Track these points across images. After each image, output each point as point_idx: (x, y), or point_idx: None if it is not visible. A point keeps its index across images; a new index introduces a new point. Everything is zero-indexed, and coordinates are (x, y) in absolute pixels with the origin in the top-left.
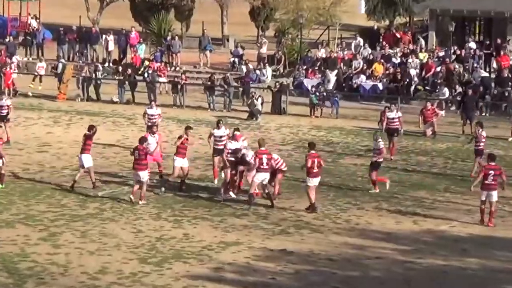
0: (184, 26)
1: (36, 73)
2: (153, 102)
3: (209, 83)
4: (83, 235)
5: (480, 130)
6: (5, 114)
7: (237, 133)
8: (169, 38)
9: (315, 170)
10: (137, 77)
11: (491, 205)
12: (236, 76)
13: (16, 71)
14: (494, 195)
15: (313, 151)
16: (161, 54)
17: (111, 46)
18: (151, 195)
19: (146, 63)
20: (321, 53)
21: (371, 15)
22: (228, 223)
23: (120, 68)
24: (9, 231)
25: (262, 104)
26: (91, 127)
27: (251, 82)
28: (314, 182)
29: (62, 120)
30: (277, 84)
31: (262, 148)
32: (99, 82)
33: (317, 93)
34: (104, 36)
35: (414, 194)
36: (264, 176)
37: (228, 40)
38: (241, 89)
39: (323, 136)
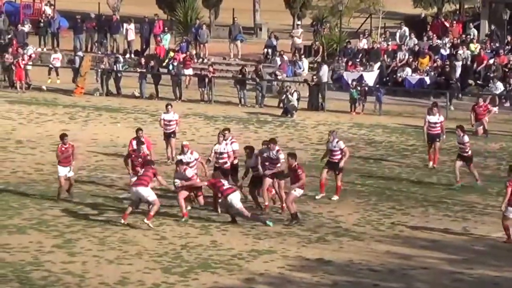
0: (212, 13)
1: (51, 65)
2: (169, 107)
3: (239, 76)
4: (101, 242)
5: (462, 134)
6: None
7: (185, 142)
8: (196, 26)
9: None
10: (161, 70)
11: None
12: (271, 71)
13: (30, 62)
14: None
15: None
16: (187, 44)
17: (133, 35)
18: (174, 202)
19: (171, 54)
20: (363, 43)
21: (417, 2)
22: (260, 230)
23: (143, 60)
24: (21, 238)
25: (298, 99)
26: (62, 136)
27: (286, 76)
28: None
29: (78, 116)
30: (314, 77)
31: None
32: (119, 75)
33: (358, 88)
34: (125, 25)
35: (464, 198)
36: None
37: (260, 29)
38: (274, 82)
39: (365, 135)
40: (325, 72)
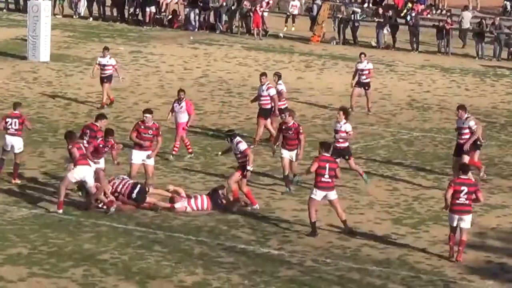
0: None
1: (288, 13)
2: (362, 55)
3: (478, 28)
4: None
5: None
6: (107, 75)
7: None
8: None
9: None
10: (399, 20)
11: (461, 233)
12: (510, 24)
13: (267, 9)
14: (467, 220)
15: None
16: None
17: None
18: (409, 150)
19: (409, 5)
20: None
21: None
22: (493, 184)
23: (381, 10)
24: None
25: None
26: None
27: None
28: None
29: (314, 64)
30: None
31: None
32: (356, 24)
33: None
34: None
35: None
36: None
37: None
38: None
39: None
40: (467, 18)
